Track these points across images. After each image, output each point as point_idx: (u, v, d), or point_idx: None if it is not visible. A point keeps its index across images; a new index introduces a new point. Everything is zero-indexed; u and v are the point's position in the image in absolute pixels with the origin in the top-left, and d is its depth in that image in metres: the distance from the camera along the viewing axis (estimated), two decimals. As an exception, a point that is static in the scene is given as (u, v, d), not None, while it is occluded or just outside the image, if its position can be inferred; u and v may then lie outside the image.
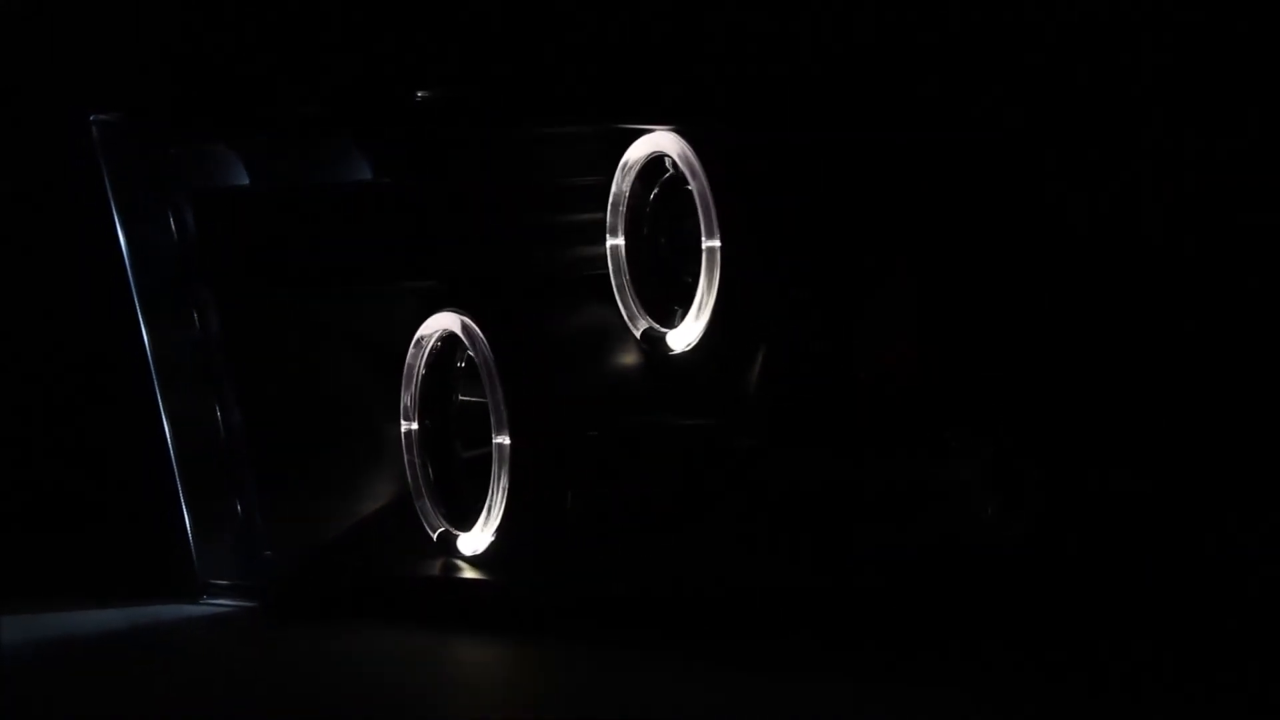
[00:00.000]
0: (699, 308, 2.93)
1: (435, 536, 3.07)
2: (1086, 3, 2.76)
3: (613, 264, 3.10)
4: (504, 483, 2.90)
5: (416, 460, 3.10)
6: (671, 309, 3.03)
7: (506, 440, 2.90)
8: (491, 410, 2.91)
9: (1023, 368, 2.92)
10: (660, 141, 2.95)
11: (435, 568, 3.03)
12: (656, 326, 3.04)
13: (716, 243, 2.88)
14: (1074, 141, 2.83)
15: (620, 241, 3.08)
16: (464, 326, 2.96)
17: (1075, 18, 2.75)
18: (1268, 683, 2.30)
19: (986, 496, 2.87)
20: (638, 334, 3.07)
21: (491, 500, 2.93)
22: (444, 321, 3.01)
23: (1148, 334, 2.91)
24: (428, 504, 3.10)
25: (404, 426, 3.11)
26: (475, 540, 2.99)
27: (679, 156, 2.91)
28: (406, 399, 3.09)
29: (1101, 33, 2.77)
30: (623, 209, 3.06)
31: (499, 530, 2.93)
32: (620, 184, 3.06)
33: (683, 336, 2.97)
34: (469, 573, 2.99)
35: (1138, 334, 2.91)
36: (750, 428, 2.94)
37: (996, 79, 2.81)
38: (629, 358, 3.10)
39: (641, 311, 3.06)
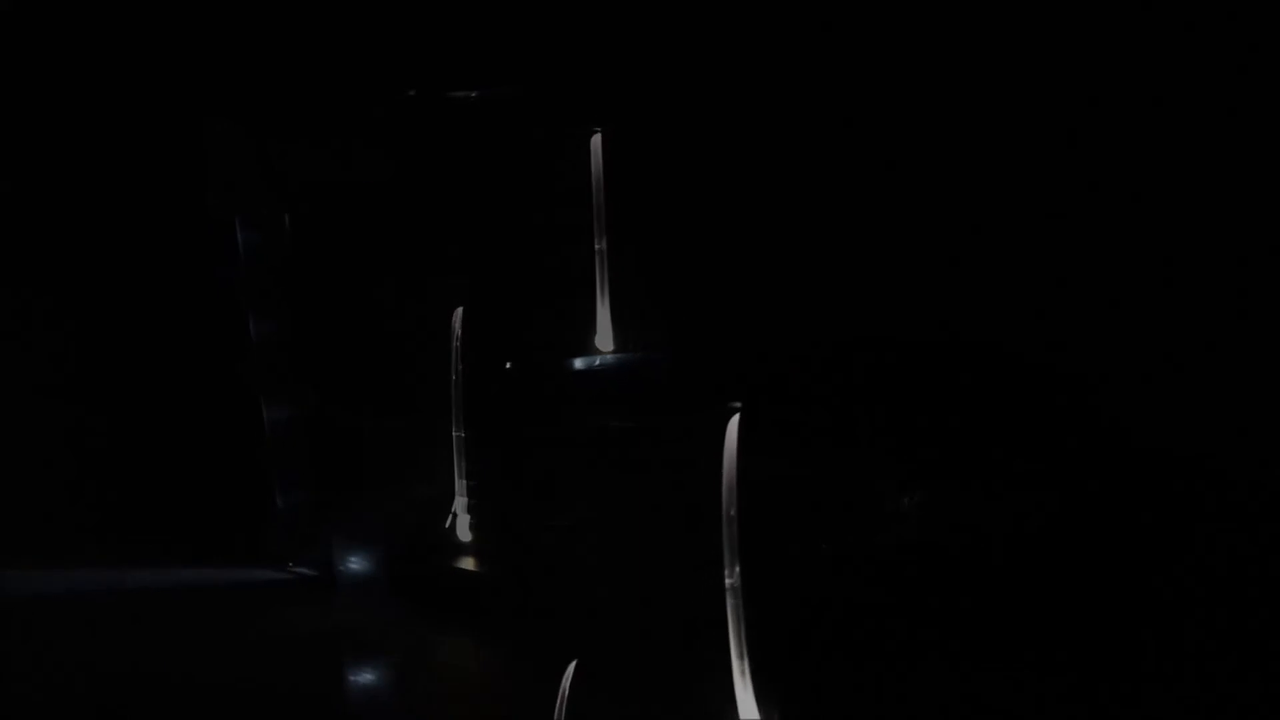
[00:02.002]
0: (599, 309, 2.91)
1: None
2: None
3: (597, 265, 3.13)
4: (462, 478, 3.06)
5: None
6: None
7: (462, 434, 3.05)
8: (453, 405, 3.07)
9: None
10: (593, 146, 2.96)
11: (448, 554, 3.23)
12: (610, 325, 3.04)
13: (603, 245, 2.85)
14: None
15: (602, 245, 3.11)
16: (455, 324, 3.14)
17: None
18: (1268, 683, 2.24)
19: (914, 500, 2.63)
20: (601, 333, 3.09)
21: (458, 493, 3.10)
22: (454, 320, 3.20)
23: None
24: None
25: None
26: (461, 529, 3.16)
27: (593, 160, 2.91)
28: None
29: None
30: (600, 213, 3.09)
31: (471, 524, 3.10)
32: (596, 188, 3.08)
33: (601, 337, 2.96)
34: (467, 562, 3.17)
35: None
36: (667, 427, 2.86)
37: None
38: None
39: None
